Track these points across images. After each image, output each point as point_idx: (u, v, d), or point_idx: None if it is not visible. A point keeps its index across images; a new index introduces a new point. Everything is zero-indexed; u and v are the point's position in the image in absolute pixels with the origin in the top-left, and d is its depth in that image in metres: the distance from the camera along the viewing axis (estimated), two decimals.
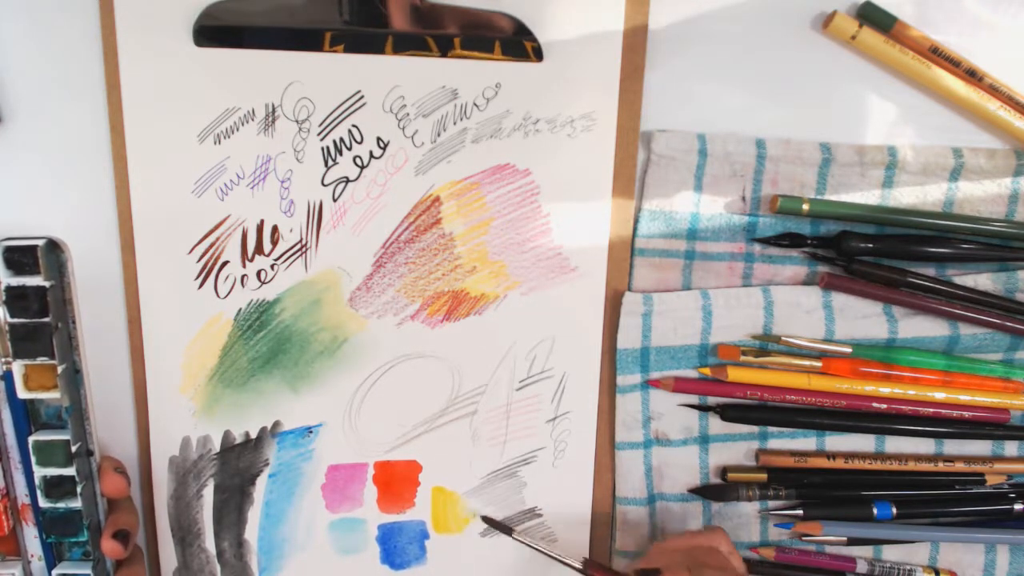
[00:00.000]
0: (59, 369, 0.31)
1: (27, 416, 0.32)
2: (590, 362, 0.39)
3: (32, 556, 0.34)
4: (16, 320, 0.30)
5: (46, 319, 0.30)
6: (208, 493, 0.39)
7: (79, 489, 0.32)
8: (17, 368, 0.31)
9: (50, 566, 0.34)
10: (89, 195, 0.35)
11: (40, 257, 0.29)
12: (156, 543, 0.39)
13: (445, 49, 0.35)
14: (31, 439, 0.32)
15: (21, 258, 0.29)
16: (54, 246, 0.30)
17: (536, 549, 0.38)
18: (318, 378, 0.38)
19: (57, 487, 0.32)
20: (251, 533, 0.39)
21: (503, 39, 0.35)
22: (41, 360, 0.31)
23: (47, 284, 0.30)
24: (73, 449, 0.32)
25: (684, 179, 0.37)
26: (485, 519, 0.40)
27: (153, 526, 0.39)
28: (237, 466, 0.39)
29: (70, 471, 0.32)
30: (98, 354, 0.36)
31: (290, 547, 0.40)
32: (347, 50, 0.34)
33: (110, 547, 0.33)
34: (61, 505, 0.32)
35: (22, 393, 0.31)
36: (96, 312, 0.36)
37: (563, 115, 0.36)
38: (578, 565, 0.37)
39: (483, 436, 0.40)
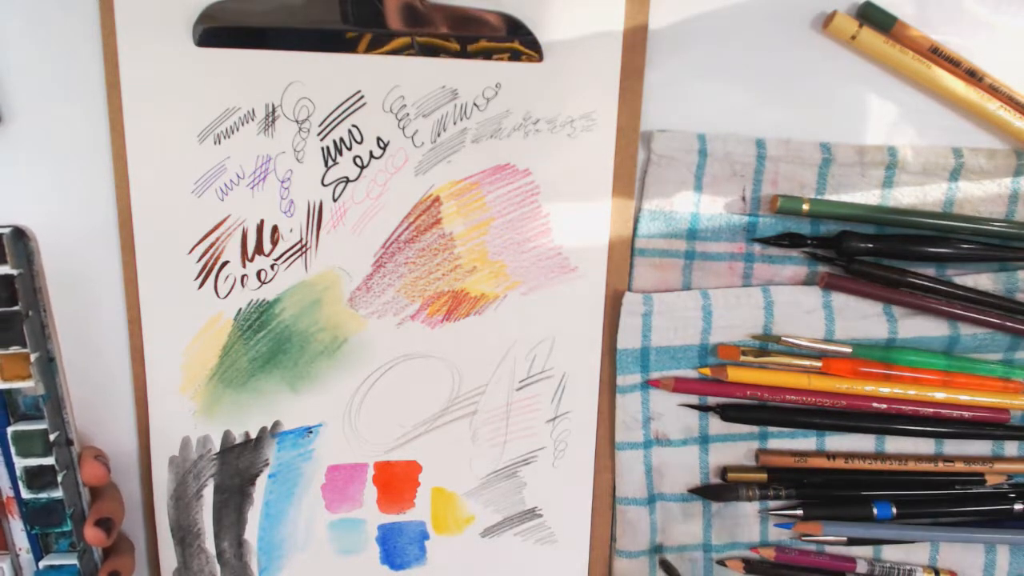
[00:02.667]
0: (32, 358, 0.31)
1: (5, 407, 0.32)
2: (590, 362, 0.39)
3: (19, 549, 0.34)
4: None
5: (15, 308, 0.30)
6: (208, 493, 0.39)
7: (60, 478, 0.32)
8: None
9: (37, 559, 0.34)
10: (89, 195, 0.35)
11: (6, 246, 0.29)
12: (156, 543, 0.39)
13: (445, 49, 0.35)
14: (9, 430, 0.32)
15: None
16: (20, 234, 0.30)
17: None
18: (318, 378, 0.38)
19: (38, 477, 0.32)
20: (251, 533, 0.39)
21: (503, 39, 0.35)
22: (14, 349, 0.31)
23: (15, 272, 0.30)
24: (52, 438, 0.32)
25: (684, 179, 0.37)
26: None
27: (153, 526, 0.39)
28: (237, 466, 0.39)
29: (49, 460, 0.32)
30: (98, 354, 0.36)
31: (290, 547, 0.40)
32: (353, 50, 0.34)
33: (93, 535, 0.32)
34: (43, 495, 0.32)
35: None
36: (96, 312, 0.36)
37: (563, 115, 0.36)
38: None
39: (483, 436, 0.40)
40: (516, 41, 0.35)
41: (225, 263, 0.36)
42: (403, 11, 0.34)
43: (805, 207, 0.37)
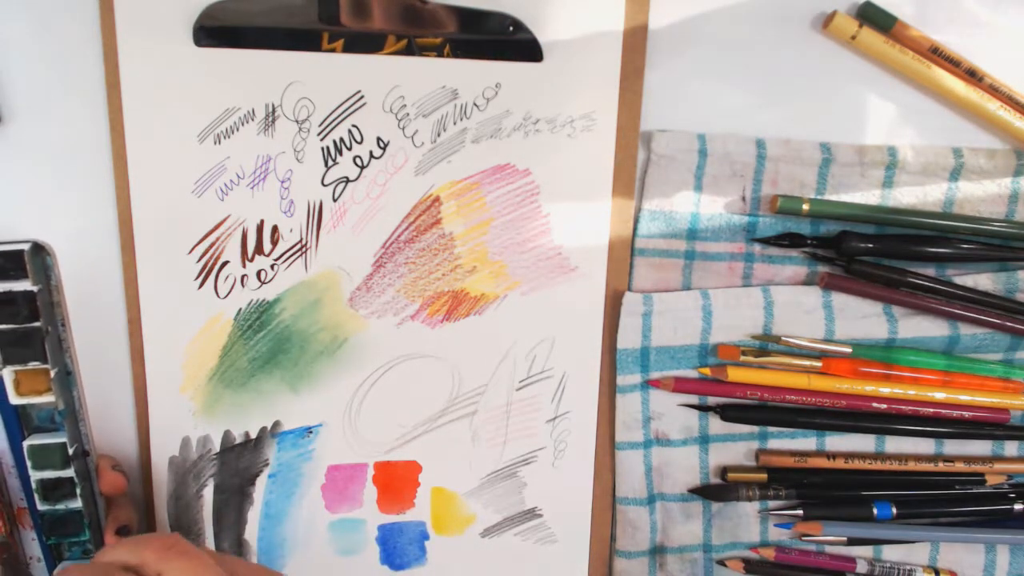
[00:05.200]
0: (52, 373, 0.31)
1: (18, 420, 0.32)
2: (590, 362, 0.39)
3: (31, 558, 0.34)
4: (5, 326, 0.30)
5: (36, 324, 0.30)
6: (208, 493, 0.39)
7: (79, 490, 0.32)
8: (7, 374, 0.30)
9: (50, 567, 0.34)
10: (89, 195, 0.35)
11: (26, 261, 0.29)
12: None
13: (446, 49, 0.35)
14: (26, 444, 0.32)
15: (6, 263, 0.29)
16: (39, 249, 0.30)
17: None
18: (318, 378, 0.38)
19: (55, 490, 0.32)
20: (251, 533, 0.39)
21: (503, 39, 0.35)
22: (33, 365, 0.30)
23: (35, 288, 0.30)
24: (70, 451, 0.32)
25: (684, 179, 0.37)
26: None
27: (153, 526, 0.39)
28: (237, 466, 0.39)
29: (68, 473, 0.32)
30: (98, 354, 0.36)
31: (290, 547, 0.40)
32: (345, 49, 0.34)
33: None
34: (61, 507, 0.32)
35: (14, 399, 0.31)
36: (96, 312, 0.36)
37: (563, 115, 0.36)
38: None
39: (483, 436, 0.40)
40: (516, 41, 0.35)
41: (225, 263, 0.36)
42: (404, 11, 0.34)
43: (805, 207, 0.37)
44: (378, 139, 0.36)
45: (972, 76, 0.37)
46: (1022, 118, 0.38)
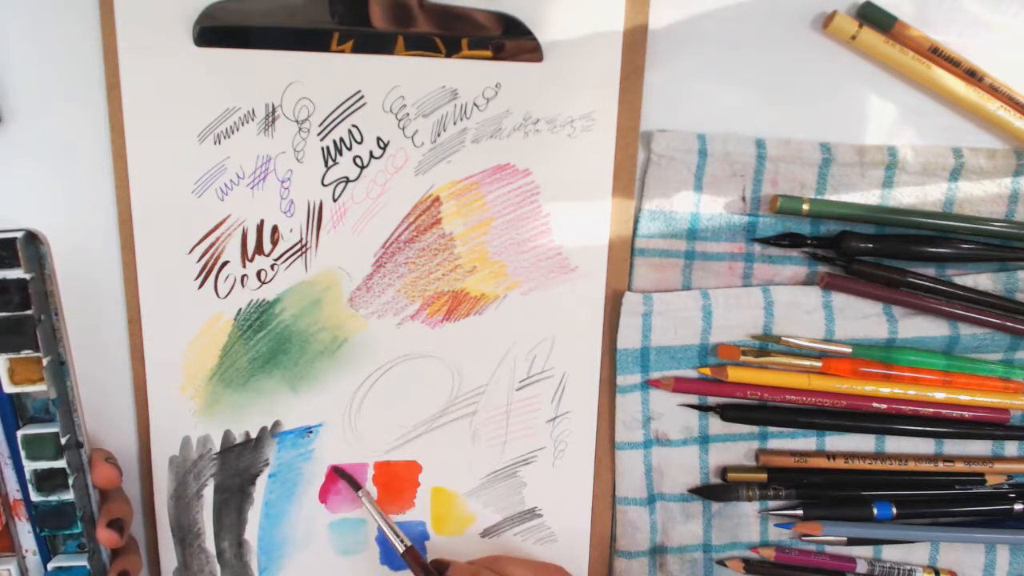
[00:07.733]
0: (44, 362, 0.31)
1: (14, 410, 0.32)
2: (590, 362, 0.39)
3: (27, 551, 0.34)
4: None
5: (28, 312, 0.30)
6: (208, 493, 0.39)
7: (71, 481, 0.32)
8: (1, 362, 0.31)
9: (45, 560, 0.34)
10: (89, 195, 0.35)
11: (19, 249, 0.29)
12: (156, 543, 0.39)
13: (446, 49, 0.35)
14: (19, 433, 0.32)
15: (0, 251, 0.29)
16: (33, 238, 0.30)
17: (373, 516, 0.39)
18: (318, 378, 0.38)
19: (48, 480, 0.32)
20: (251, 533, 0.39)
21: (503, 39, 0.35)
22: (26, 353, 0.31)
23: (27, 276, 0.30)
24: (63, 441, 0.32)
25: (684, 179, 0.37)
26: (336, 470, 0.39)
27: (153, 526, 0.39)
28: (237, 466, 0.39)
29: (61, 463, 0.32)
30: (98, 354, 0.36)
31: (290, 547, 0.40)
32: (354, 50, 0.34)
33: (106, 536, 0.33)
34: (53, 498, 0.32)
35: (8, 387, 0.31)
36: (96, 312, 0.36)
37: (563, 115, 0.36)
38: (401, 548, 0.38)
39: (483, 436, 0.40)
40: (516, 41, 0.35)
41: (225, 263, 0.36)
42: (403, 11, 0.34)
43: (805, 207, 0.37)
44: (378, 139, 0.36)
45: (972, 76, 0.37)
46: (1022, 118, 0.38)
